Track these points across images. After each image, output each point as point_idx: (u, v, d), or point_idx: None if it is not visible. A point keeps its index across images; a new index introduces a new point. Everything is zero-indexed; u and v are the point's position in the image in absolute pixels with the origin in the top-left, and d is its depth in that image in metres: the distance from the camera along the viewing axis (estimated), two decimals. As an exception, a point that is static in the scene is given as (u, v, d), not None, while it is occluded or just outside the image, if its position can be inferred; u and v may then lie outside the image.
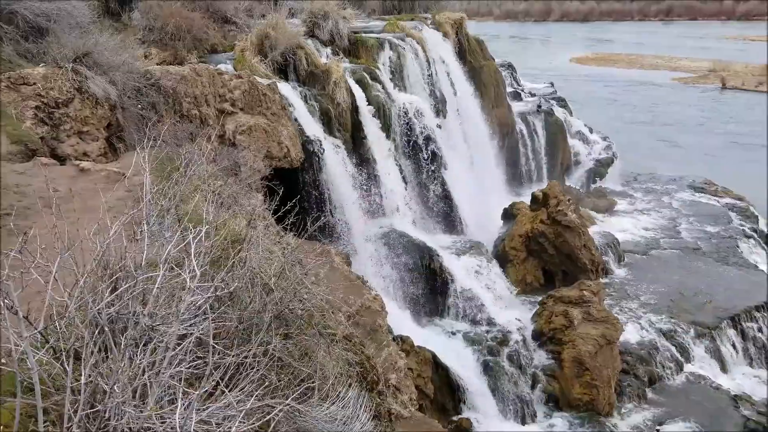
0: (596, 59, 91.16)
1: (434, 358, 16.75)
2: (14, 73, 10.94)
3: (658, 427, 17.86)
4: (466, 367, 17.80)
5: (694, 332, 21.28)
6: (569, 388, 18.38)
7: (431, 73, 24.40)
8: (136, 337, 3.81)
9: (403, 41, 23.49)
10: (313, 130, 17.73)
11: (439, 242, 21.33)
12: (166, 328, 3.87)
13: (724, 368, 20.84)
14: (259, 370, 4.33)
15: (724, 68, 75.47)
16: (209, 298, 4.21)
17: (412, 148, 21.94)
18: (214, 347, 3.96)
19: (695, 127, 52.79)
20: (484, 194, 25.91)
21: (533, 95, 38.08)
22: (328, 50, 21.52)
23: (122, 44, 13.43)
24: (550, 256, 23.83)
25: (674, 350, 20.56)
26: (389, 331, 13.60)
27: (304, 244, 8.30)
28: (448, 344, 18.52)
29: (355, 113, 19.54)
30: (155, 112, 12.80)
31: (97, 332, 3.73)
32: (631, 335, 20.66)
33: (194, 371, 3.86)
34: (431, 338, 18.20)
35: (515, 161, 31.93)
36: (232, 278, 4.94)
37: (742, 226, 30.31)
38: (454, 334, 19.23)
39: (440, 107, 24.37)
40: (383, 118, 20.49)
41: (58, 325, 3.81)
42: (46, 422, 3.34)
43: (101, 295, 3.92)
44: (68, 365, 3.48)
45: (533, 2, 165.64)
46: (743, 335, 21.68)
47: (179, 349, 3.77)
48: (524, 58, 74.66)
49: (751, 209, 32.62)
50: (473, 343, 18.73)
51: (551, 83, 44.91)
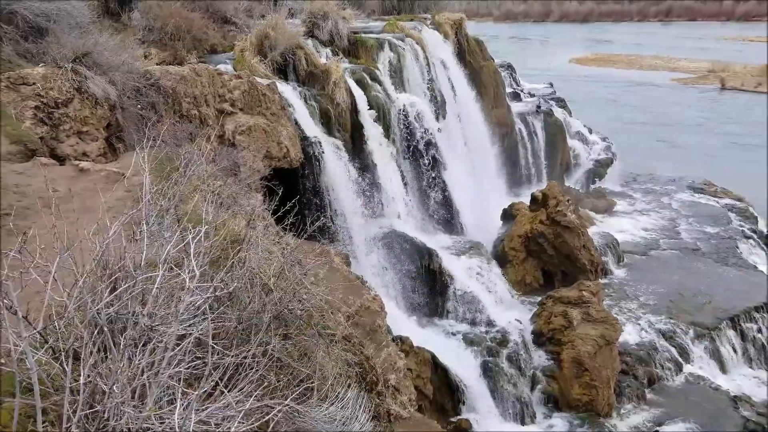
0: (595, 60, 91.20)
1: (433, 358, 16.74)
2: (14, 73, 10.92)
3: (657, 428, 17.86)
4: (465, 367, 17.80)
5: (693, 333, 21.29)
6: (568, 388, 18.39)
7: (431, 73, 24.40)
8: (135, 337, 3.80)
9: (402, 42, 23.48)
10: (312, 130, 17.73)
11: (438, 242, 21.34)
12: (165, 328, 3.87)
13: (723, 369, 20.85)
14: (258, 370, 4.33)
15: (723, 69, 75.51)
16: (208, 298, 4.20)
17: (411, 149, 21.94)
18: (213, 347, 3.96)
19: (694, 127, 52.81)
20: (483, 195, 25.91)
21: (532, 96, 38.03)
22: (327, 50, 21.53)
23: (122, 44, 13.43)
24: (549, 256, 23.83)
25: (673, 351, 20.56)
26: (388, 331, 13.59)
27: (303, 244, 8.30)
28: (447, 345, 18.51)
29: (354, 113, 19.55)
30: (155, 112, 12.79)
31: (96, 332, 3.73)
32: (630, 336, 20.67)
33: (193, 371, 3.86)
34: (430, 339, 18.20)
35: (514, 162, 31.91)
36: (231, 278, 4.93)
37: (741, 226, 30.31)
38: (453, 334, 19.23)
39: (440, 108, 24.36)
40: (383, 118, 20.50)
41: (57, 325, 3.81)
42: (44, 422, 3.33)
43: (100, 295, 3.92)
44: (67, 365, 3.48)
45: (533, 3, 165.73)
46: (743, 336, 21.68)
47: (178, 349, 3.77)
48: (523, 58, 74.67)
49: (750, 210, 32.64)
50: (472, 343, 18.72)
51: (550, 84, 44.85)
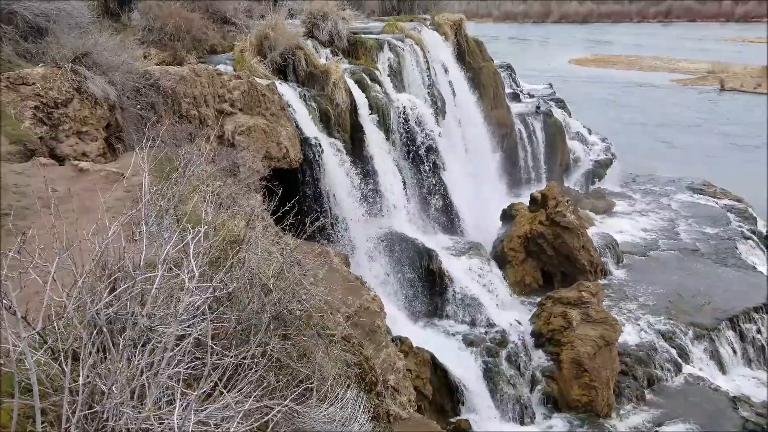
0: (595, 61, 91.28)
1: (433, 359, 16.74)
2: (13, 73, 10.92)
3: (656, 428, 17.86)
4: (464, 368, 17.79)
5: (692, 333, 21.28)
6: (568, 389, 18.39)
7: (430, 74, 24.41)
8: (134, 337, 3.80)
9: (402, 42, 23.48)
10: (312, 130, 17.73)
11: (438, 243, 21.33)
12: (164, 328, 3.87)
13: (722, 369, 20.85)
14: (257, 370, 4.33)
15: (722, 70, 75.60)
16: (208, 298, 4.21)
17: (410, 149, 21.93)
18: (212, 348, 3.96)
19: (694, 128, 52.87)
20: (482, 195, 25.92)
21: (532, 96, 38.04)
22: (327, 51, 21.53)
23: (121, 44, 13.44)
24: (548, 257, 23.82)
25: (673, 351, 20.56)
26: (388, 331, 13.59)
27: (302, 244, 8.29)
28: (446, 345, 18.49)
29: (354, 114, 19.55)
30: (154, 112, 12.79)
31: (95, 333, 3.72)
32: (629, 336, 20.66)
33: (192, 372, 3.86)
34: (430, 339, 18.19)
35: (514, 162, 31.90)
36: (230, 279, 4.93)
37: (740, 227, 30.32)
38: (452, 335, 19.21)
39: (439, 108, 24.37)
40: (382, 118, 20.50)
41: (56, 325, 3.81)
42: (44, 423, 3.33)
43: (100, 295, 3.92)
44: (66, 366, 3.47)
45: (532, 3, 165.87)
46: (742, 336, 21.68)
47: (177, 349, 3.77)
48: (523, 59, 74.74)
49: (749, 210, 32.66)
50: (472, 344, 18.70)
51: (550, 84, 44.86)
